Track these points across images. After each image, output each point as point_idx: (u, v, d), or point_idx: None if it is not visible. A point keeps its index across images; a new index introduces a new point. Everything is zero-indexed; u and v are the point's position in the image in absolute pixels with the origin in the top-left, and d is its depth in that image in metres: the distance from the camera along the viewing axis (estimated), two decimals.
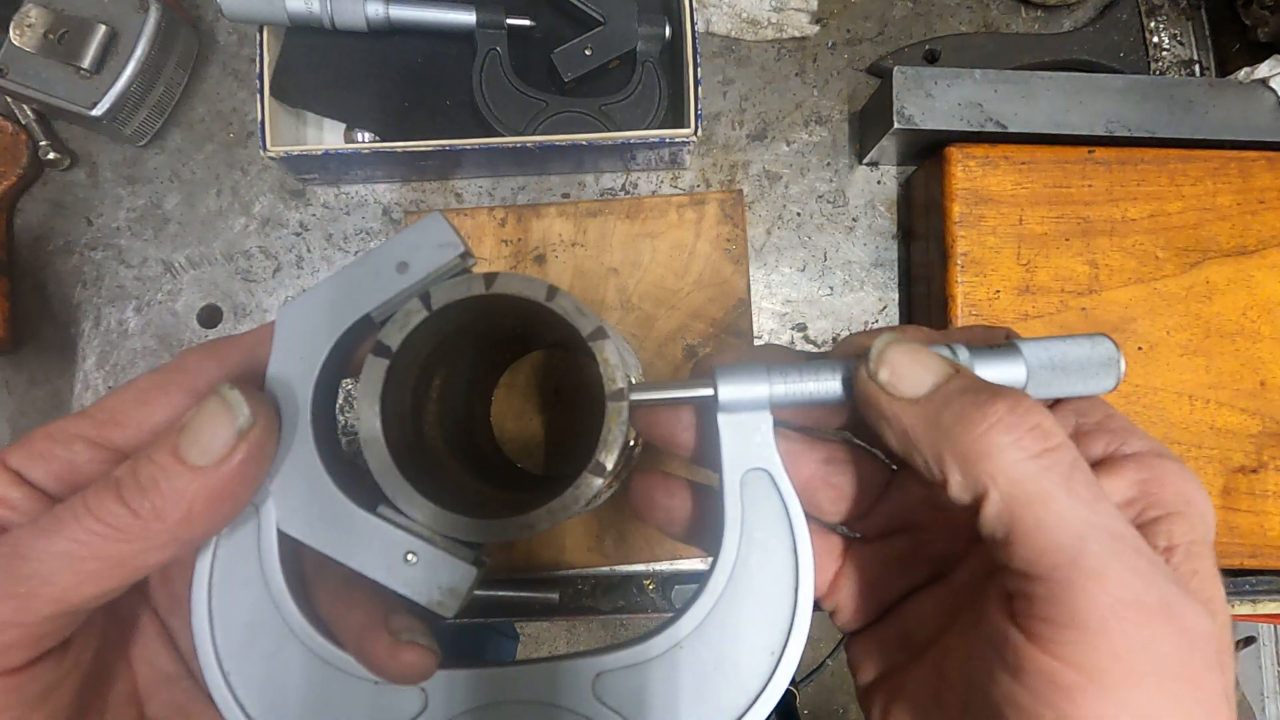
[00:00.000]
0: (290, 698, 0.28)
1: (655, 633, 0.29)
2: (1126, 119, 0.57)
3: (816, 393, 0.29)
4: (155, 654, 0.31)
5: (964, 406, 0.25)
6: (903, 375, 0.26)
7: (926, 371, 0.26)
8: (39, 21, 0.56)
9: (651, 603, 0.61)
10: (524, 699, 0.29)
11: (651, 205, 0.61)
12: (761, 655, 0.29)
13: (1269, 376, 0.57)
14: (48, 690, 0.26)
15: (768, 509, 0.29)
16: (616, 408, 0.29)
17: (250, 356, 0.30)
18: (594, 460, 0.29)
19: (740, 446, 0.29)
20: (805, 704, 1.85)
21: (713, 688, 0.29)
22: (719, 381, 0.29)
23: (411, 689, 0.29)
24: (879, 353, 0.27)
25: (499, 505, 0.30)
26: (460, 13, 0.58)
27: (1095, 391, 0.28)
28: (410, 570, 0.27)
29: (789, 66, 0.65)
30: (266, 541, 0.28)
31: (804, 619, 0.29)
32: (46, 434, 0.27)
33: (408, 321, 0.28)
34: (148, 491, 0.24)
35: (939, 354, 0.27)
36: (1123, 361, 0.29)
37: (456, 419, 0.44)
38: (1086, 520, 0.23)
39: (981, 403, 0.25)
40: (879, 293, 0.64)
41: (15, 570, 0.24)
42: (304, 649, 0.28)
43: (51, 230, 0.62)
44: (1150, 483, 0.26)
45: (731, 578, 0.29)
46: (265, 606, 0.28)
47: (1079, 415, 0.29)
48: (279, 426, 0.28)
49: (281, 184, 0.63)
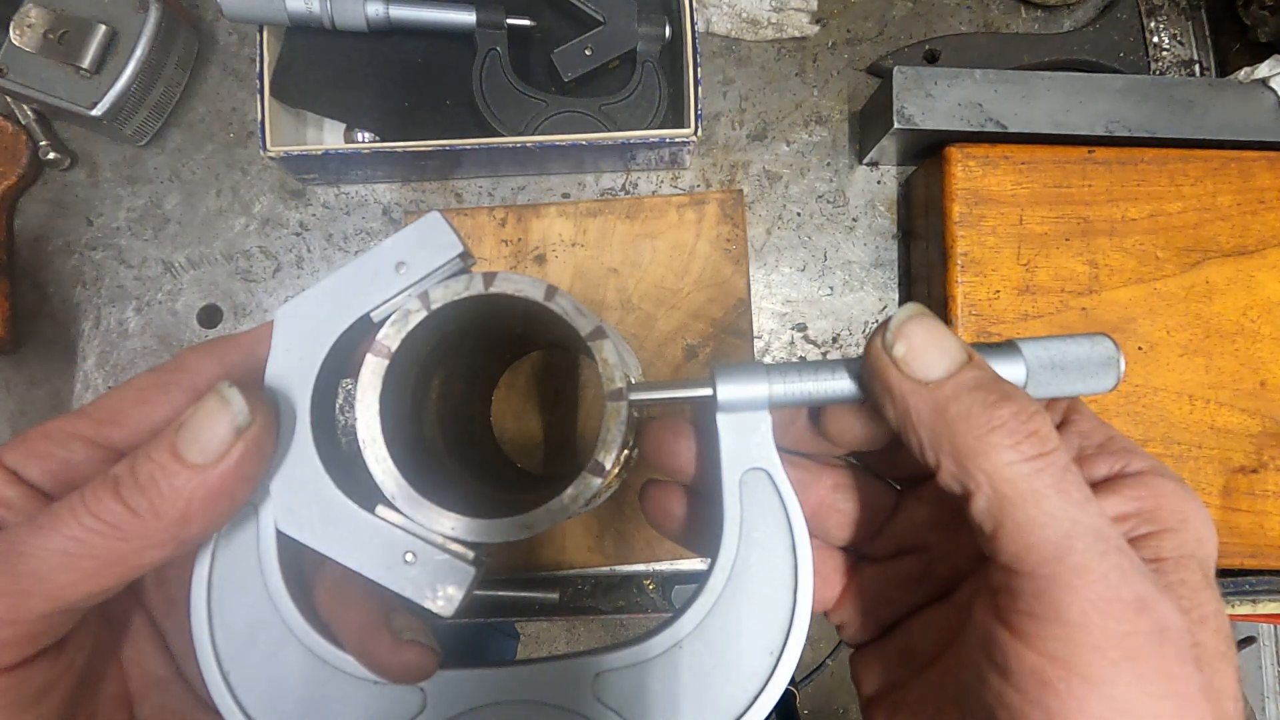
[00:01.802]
0: (289, 698, 0.28)
1: (655, 632, 0.29)
2: (1126, 119, 0.57)
3: (815, 393, 0.29)
4: (147, 657, 0.31)
5: (972, 404, 0.25)
6: (919, 354, 0.26)
7: (942, 355, 0.26)
8: (39, 21, 0.56)
9: (651, 603, 0.61)
10: (524, 699, 0.29)
11: (651, 205, 0.61)
12: (761, 655, 0.29)
13: (1269, 376, 0.57)
14: (41, 691, 0.26)
15: (767, 508, 0.29)
16: (616, 407, 0.29)
17: (250, 356, 0.30)
18: (593, 460, 0.29)
19: (739, 446, 0.29)
20: (805, 704, 1.85)
21: (713, 687, 0.29)
22: (718, 381, 0.29)
23: (411, 689, 0.29)
24: (899, 324, 0.26)
25: (498, 505, 0.30)
26: (460, 13, 0.58)
27: (1095, 391, 0.28)
28: (410, 570, 0.27)
29: (789, 66, 0.65)
30: (265, 541, 0.28)
31: (803, 619, 0.29)
32: (44, 433, 0.27)
33: (407, 321, 0.28)
34: (146, 489, 0.24)
35: (958, 338, 0.27)
36: (1122, 361, 0.29)
37: (456, 419, 0.44)
38: (1074, 519, 0.23)
39: (990, 404, 0.25)
40: (879, 293, 0.64)
41: (11, 567, 0.24)
42: (303, 649, 0.28)
43: (51, 230, 0.62)
44: (1147, 499, 0.26)
45: (731, 577, 0.29)
46: (264, 607, 0.28)
47: (1082, 438, 0.29)
48: (277, 425, 0.28)
49: (281, 184, 0.63)
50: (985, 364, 0.27)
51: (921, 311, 0.27)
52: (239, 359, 0.30)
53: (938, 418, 0.25)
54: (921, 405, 0.26)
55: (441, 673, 0.29)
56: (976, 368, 0.26)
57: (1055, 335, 0.29)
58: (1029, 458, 0.24)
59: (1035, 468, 0.24)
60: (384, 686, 0.28)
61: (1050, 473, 0.24)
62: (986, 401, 0.25)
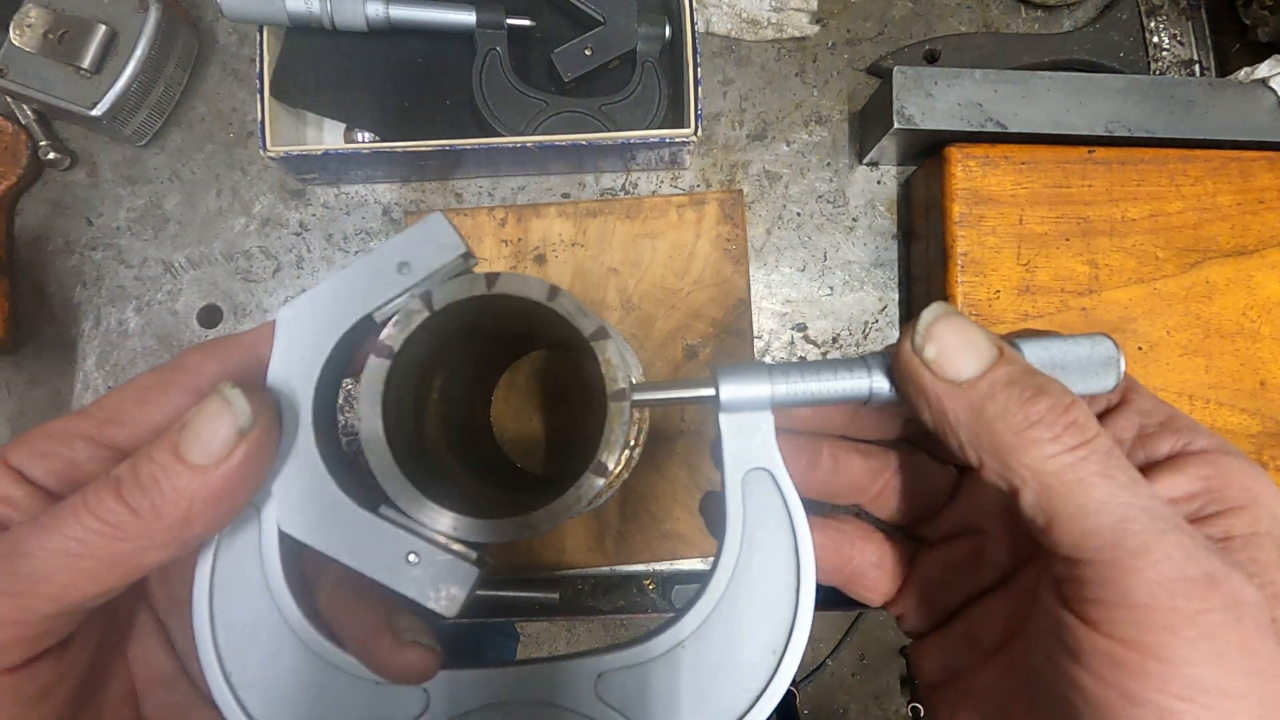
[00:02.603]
0: (291, 698, 0.28)
1: (657, 632, 0.29)
2: (1126, 119, 0.57)
3: (818, 392, 0.29)
4: (152, 654, 0.31)
5: (1007, 401, 0.25)
6: (950, 355, 0.26)
7: (975, 354, 0.26)
8: (39, 21, 0.56)
9: (651, 603, 0.61)
10: (526, 699, 0.29)
11: (651, 205, 0.61)
12: (763, 655, 0.29)
13: (1269, 376, 0.57)
14: (45, 690, 0.26)
15: (770, 509, 0.29)
16: (618, 408, 0.29)
17: (251, 356, 0.30)
18: (596, 460, 0.29)
19: (742, 446, 0.29)
20: (805, 704, 1.85)
21: (714, 687, 0.29)
22: (720, 381, 0.29)
23: (413, 689, 0.29)
24: (927, 326, 0.26)
25: (501, 505, 0.30)
26: (460, 13, 0.58)
27: (1095, 391, 0.29)
28: (412, 571, 0.27)
29: (789, 66, 0.65)
30: (267, 542, 0.28)
31: (805, 619, 0.29)
32: (47, 432, 0.27)
33: (409, 322, 0.28)
34: (148, 490, 0.24)
35: (987, 332, 0.27)
36: (1122, 360, 0.29)
37: (458, 419, 0.44)
38: (1126, 503, 0.23)
39: (1026, 400, 0.25)
40: (879, 293, 0.64)
41: (14, 568, 0.24)
42: (305, 649, 0.28)
43: (51, 230, 0.62)
44: (1214, 479, 0.26)
45: (733, 578, 0.29)
46: (266, 607, 0.28)
47: (1143, 416, 0.29)
48: (280, 426, 0.28)
49: (281, 184, 0.63)
50: (1017, 356, 0.26)
51: (947, 311, 0.27)
52: (240, 359, 0.30)
53: (975, 417, 0.25)
54: (958, 406, 0.26)
55: (444, 673, 0.29)
56: (1008, 362, 0.26)
57: (1056, 334, 0.29)
58: (1070, 448, 0.24)
59: (1078, 456, 0.24)
60: (386, 687, 0.28)
61: (1094, 460, 0.24)
62: (1022, 398, 0.25)
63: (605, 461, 0.29)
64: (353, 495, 0.28)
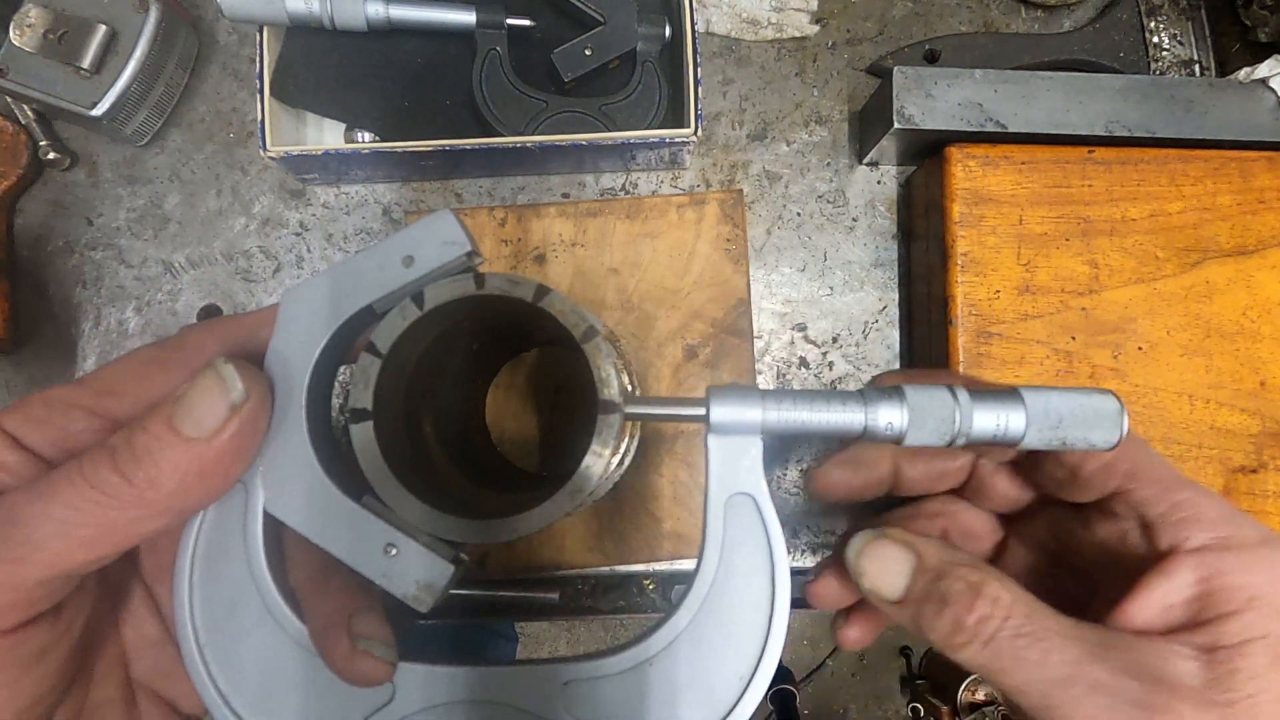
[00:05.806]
0: (261, 675, 0.28)
1: (626, 647, 0.29)
2: (1126, 119, 0.57)
3: (809, 423, 0.28)
4: (142, 620, 0.32)
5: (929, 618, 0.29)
6: (878, 584, 0.31)
7: (897, 576, 0.30)
8: (39, 21, 0.56)
9: (651, 603, 0.60)
10: (490, 699, 0.29)
11: (651, 205, 0.61)
12: (730, 680, 0.29)
13: (1269, 376, 0.57)
14: (40, 653, 0.26)
15: (749, 534, 0.29)
16: (607, 420, 0.29)
17: (252, 337, 0.30)
18: (582, 466, 0.29)
19: (728, 469, 0.29)
20: (805, 704, 1.85)
21: (679, 708, 0.28)
22: (712, 403, 0.29)
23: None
24: (853, 565, 0.31)
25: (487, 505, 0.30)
26: (460, 13, 0.58)
27: (1097, 446, 0.28)
28: (389, 562, 0.27)
29: (789, 66, 0.65)
30: (252, 521, 0.28)
31: (775, 648, 0.29)
32: (44, 400, 0.27)
33: (400, 321, 0.29)
34: (142, 461, 0.25)
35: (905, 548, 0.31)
36: (1126, 419, 0.28)
37: (451, 416, 0.44)
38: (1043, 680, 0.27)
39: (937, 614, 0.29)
40: (879, 293, 0.64)
41: (9, 534, 0.24)
42: (280, 630, 0.28)
43: (51, 230, 0.62)
44: (1210, 580, 0.27)
45: (707, 600, 0.29)
46: (245, 584, 0.28)
47: (1141, 508, 0.30)
48: (272, 404, 0.28)
49: (281, 184, 0.63)
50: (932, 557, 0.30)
51: (867, 541, 0.31)
52: (240, 339, 0.30)
53: (915, 627, 0.30)
54: (904, 620, 0.30)
55: (414, 667, 0.29)
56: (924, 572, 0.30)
57: (1060, 387, 0.29)
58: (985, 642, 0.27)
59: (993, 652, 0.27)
60: None
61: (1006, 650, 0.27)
62: (938, 611, 0.29)
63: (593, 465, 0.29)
64: (339, 482, 0.28)
